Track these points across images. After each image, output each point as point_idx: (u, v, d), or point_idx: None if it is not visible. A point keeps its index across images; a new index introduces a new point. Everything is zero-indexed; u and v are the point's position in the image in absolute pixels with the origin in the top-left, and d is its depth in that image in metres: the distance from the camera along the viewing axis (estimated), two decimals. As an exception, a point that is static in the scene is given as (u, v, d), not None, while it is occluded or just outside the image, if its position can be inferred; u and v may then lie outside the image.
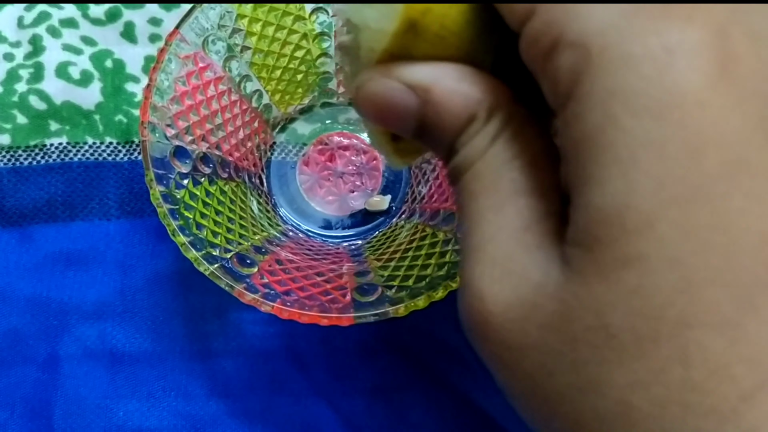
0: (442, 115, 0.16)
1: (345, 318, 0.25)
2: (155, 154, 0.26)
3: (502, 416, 0.32)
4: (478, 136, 0.15)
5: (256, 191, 0.33)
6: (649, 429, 0.13)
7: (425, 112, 0.16)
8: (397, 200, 0.35)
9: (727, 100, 0.12)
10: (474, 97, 0.15)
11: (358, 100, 0.17)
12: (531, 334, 0.14)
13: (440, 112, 0.16)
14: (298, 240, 0.33)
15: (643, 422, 0.13)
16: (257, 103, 0.33)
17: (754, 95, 0.12)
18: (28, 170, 0.35)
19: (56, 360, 0.32)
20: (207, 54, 0.29)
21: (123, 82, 0.36)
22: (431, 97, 0.16)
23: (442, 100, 0.16)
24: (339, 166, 0.36)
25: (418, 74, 0.16)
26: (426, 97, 0.16)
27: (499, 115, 0.15)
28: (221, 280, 0.25)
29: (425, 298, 0.25)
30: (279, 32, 0.31)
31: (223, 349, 0.33)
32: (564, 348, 0.13)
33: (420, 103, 0.16)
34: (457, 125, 0.16)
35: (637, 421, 0.13)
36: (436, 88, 0.16)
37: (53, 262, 0.34)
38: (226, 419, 0.32)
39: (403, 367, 0.33)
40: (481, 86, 0.16)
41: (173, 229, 0.26)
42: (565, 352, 0.13)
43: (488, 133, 0.15)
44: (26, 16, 0.37)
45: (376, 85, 0.16)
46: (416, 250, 0.29)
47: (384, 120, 0.17)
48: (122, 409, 0.32)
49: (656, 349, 0.12)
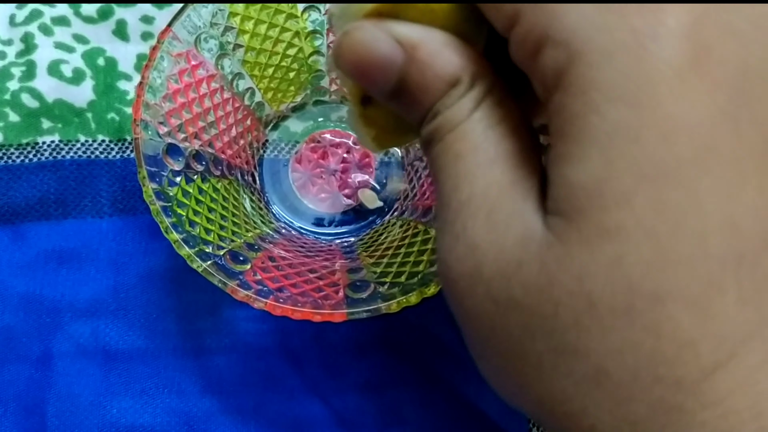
0: (426, 75, 0.16)
1: (338, 314, 0.25)
2: (148, 151, 0.27)
3: (495, 412, 0.32)
4: (463, 99, 0.16)
5: (248, 189, 0.33)
6: (620, 395, 0.14)
7: (408, 70, 0.16)
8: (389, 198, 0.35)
9: (698, 88, 0.13)
10: (459, 62, 0.16)
11: (341, 47, 0.16)
12: (517, 291, 0.14)
13: (424, 71, 0.16)
14: (291, 237, 0.33)
15: (615, 389, 0.14)
16: (250, 100, 0.33)
17: (725, 85, 0.13)
18: (21, 168, 0.35)
19: (49, 357, 0.32)
20: (199, 52, 0.29)
21: (115, 80, 0.36)
22: (417, 54, 0.16)
23: (428, 60, 0.16)
24: (331, 163, 0.36)
25: (407, 31, 0.16)
26: (412, 54, 0.16)
27: (482, 82, 0.16)
28: (214, 277, 0.25)
29: (417, 294, 0.25)
30: (271, 30, 0.31)
31: (216, 346, 0.33)
32: (546, 310, 0.14)
33: (405, 60, 0.16)
34: (440, 87, 0.16)
35: (610, 387, 0.14)
36: (423, 47, 0.16)
37: (46, 259, 0.34)
38: (219, 416, 0.32)
39: (395, 363, 0.33)
40: (466, 53, 0.16)
41: (166, 227, 0.26)
42: (548, 314, 0.14)
43: (473, 98, 0.16)
44: (18, 14, 0.37)
45: (363, 33, 0.16)
46: (408, 246, 0.29)
47: (364, 72, 0.17)
48: (115, 406, 0.32)
49: (632, 321, 0.13)
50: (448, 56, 0.16)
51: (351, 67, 0.17)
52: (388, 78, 0.16)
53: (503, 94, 0.16)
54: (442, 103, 0.16)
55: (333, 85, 0.35)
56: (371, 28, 0.16)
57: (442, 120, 0.16)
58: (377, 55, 0.16)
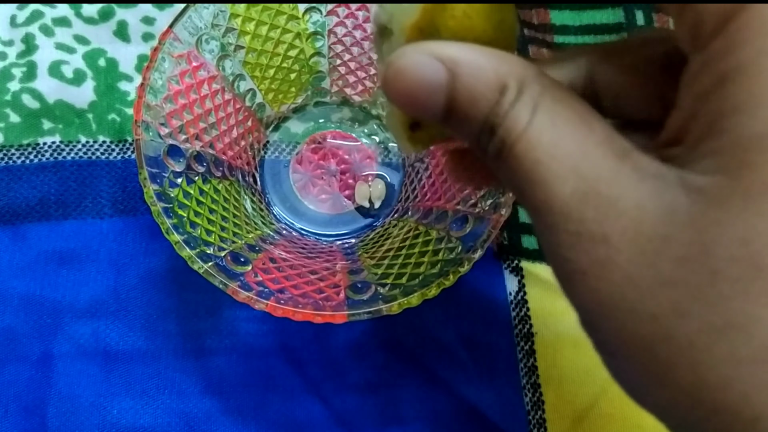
0: (473, 88, 0.15)
1: (338, 315, 0.25)
2: (149, 152, 0.27)
3: (494, 412, 0.32)
4: (518, 105, 0.15)
5: (249, 190, 0.33)
6: None
7: (455, 87, 0.16)
8: (392, 200, 0.35)
9: None
10: (503, 69, 0.15)
11: (387, 77, 0.16)
12: (665, 269, 0.13)
13: (471, 84, 0.15)
14: (292, 238, 0.33)
15: None
16: (250, 102, 0.33)
17: None
18: (21, 169, 0.35)
19: (50, 358, 0.32)
20: (200, 53, 0.29)
21: (116, 81, 0.36)
22: (460, 68, 0.15)
23: (473, 72, 0.15)
24: (332, 164, 0.36)
25: (446, 48, 0.16)
26: (455, 69, 0.15)
27: (533, 84, 0.15)
28: (215, 278, 0.25)
29: (418, 295, 0.25)
30: (272, 31, 0.31)
31: (216, 347, 0.33)
32: (703, 282, 0.13)
33: (449, 77, 0.16)
34: (489, 96, 0.15)
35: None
36: (464, 60, 0.15)
37: (46, 260, 0.34)
38: (219, 416, 0.32)
39: (395, 364, 0.33)
40: (508, 59, 0.16)
41: (167, 228, 0.26)
42: (704, 287, 0.13)
43: (528, 102, 0.15)
44: (19, 15, 0.37)
45: (405, 60, 0.16)
46: (409, 248, 0.29)
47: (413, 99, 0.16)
48: (116, 407, 0.32)
49: None
50: (491, 65, 0.15)
51: (400, 96, 0.16)
52: (437, 99, 0.16)
53: (559, 89, 0.16)
54: (495, 114, 0.15)
55: (334, 86, 0.35)
56: (411, 53, 0.16)
57: (503, 132, 0.15)
58: (423, 79, 0.16)
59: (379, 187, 0.35)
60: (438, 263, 0.27)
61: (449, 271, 0.26)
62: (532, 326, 0.34)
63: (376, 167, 0.36)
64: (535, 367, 0.33)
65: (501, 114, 0.15)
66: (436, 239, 0.29)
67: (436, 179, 0.32)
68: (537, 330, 0.34)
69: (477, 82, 0.15)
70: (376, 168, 0.36)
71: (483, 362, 0.33)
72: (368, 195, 0.35)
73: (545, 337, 0.33)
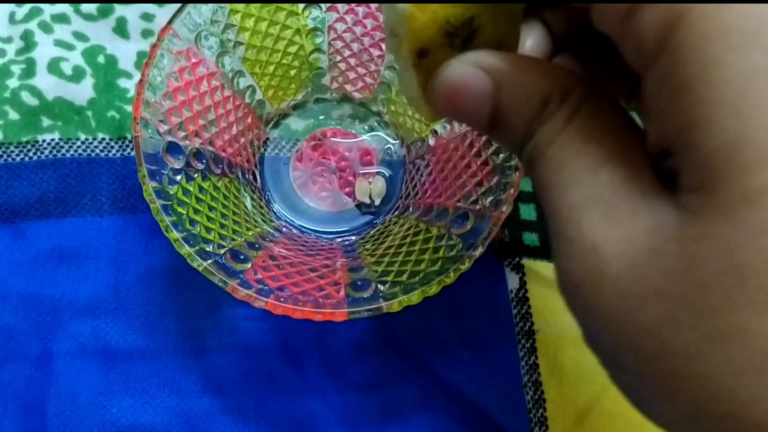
0: (518, 98, 0.16)
1: (338, 313, 0.25)
2: (148, 150, 0.26)
3: (495, 411, 0.32)
4: (556, 116, 0.15)
5: (249, 187, 0.33)
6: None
7: (500, 97, 0.16)
8: (393, 197, 0.35)
9: None
10: (547, 81, 0.16)
11: (434, 90, 0.17)
12: (654, 281, 0.13)
13: (515, 95, 0.16)
14: (292, 236, 0.33)
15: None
16: (250, 98, 0.33)
17: None
18: (20, 166, 0.35)
19: (49, 357, 0.32)
20: (199, 50, 0.29)
21: (115, 78, 0.36)
22: (505, 79, 0.16)
23: (518, 83, 0.16)
24: (332, 162, 0.36)
25: (489, 58, 0.16)
26: (500, 80, 0.16)
27: (573, 95, 0.15)
28: (215, 276, 0.25)
29: (419, 293, 0.25)
30: (272, 28, 0.31)
31: (216, 345, 0.33)
32: (692, 294, 0.13)
33: (494, 88, 0.16)
34: (534, 108, 0.16)
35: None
36: (510, 71, 0.16)
37: (46, 258, 0.34)
38: (219, 415, 0.32)
39: (396, 362, 0.33)
40: (551, 70, 0.16)
41: (166, 225, 0.25)
42: (693, 299, 0.13)
43: (566, 110, 0.15)
44: (18, 12, 0.37)
45: (451, 70, 0.17)
46: (410, 245, 0.29)
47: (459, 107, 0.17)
48: (116, 405, 0.32)
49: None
50: (535, 76, 0.16)
51: (448, 106, 0.17)
52: (484, 108, 0.16)
53: (600, 98, 0.16)
54: (537, 122, 0.16)
55: (334, 83, 0.35)
56: (456, 63, 0.16)
57: (539, 137, 0.16)
58: (468, 88, 0.16)
59: (380, 184, 0.35)
60: (439, 261, 0.27)
61: (450, 269, 0.26)
62: (534, 324, 0.34)
63: (376, 164, 0.35)
64: (537, 365, 0.33)
65: (541, 122, 0.16)
66: (436, 237, 0.28)
67: (436, 176, 0.32)
68: (538, 328, 0.33)
69: (521, 93, 0.16)
70: (376, 165, 0.35)
71: (484, 360, 0.33)
72: (369, 191, 0.35)
73: (546, 334, 0.33)
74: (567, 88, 0.16)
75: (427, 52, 0.17)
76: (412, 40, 0.17)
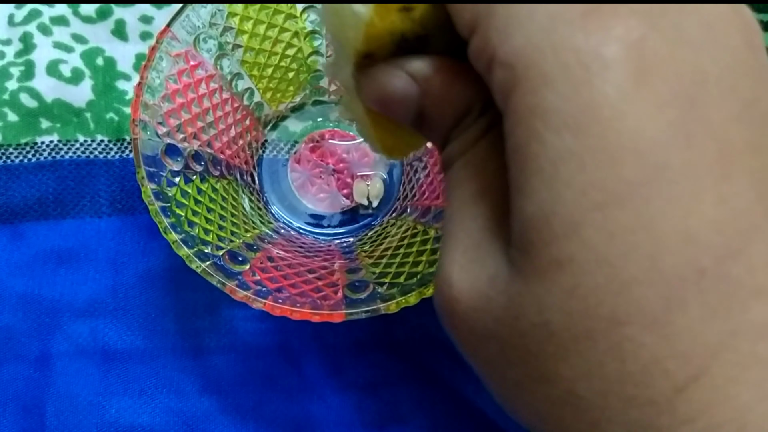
0: (440, 106, 0.16)
1: (336, 314, 0.25)
2: (146, 151, 0.27)
3: (494, 411, 0.32)
4: (472, 128, 0.16)
5: (247, 189, 0.33)
6: (595, 417, 0.14)
7: (425, 103, 0.17)
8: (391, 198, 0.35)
9: (644, 109, 0.12)
10: (470, 92, 0.16)
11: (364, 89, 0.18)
12: (488, 325, 0.15)
13: (438, 103, 0.16)
14: (290, 237, 0.33)
15: (589, 411, 0.14)
16: (249, 100, 0.33)
17: (674, 98, 0.13)
18: (19, 168, 0.35)
19: (48, 357, 0.32)
20: (198, 52, 0.29)
21: (114, 80, 0.36)
22: (431, 88, 0.16)
23: (440, 91, 0.16)
24: (330, 163, 0.36)
25: (420, 65, 0.17)
26: (426, 88, 0.16)
27: (492, 111, 0.16)
28: (213, 277, 0.25)
29: (416, 294, 0.25)
30: (270, 30, 0.31)
31: (215, 346, 0.33)
32: (515, 341, 0.14)
33: (420, 93, 0.17)
34: (454, 116, 0.16)
35: (584, 409, 0.14)
36: (434, 79, 0.16)
37: (44, 259, 0.34)
38: (218, 416, 0.32)
39: (394, 362, 0.33)
40: (477, 82, 0.16)
41: (165, 227, 0.26)
42: (517, 345, 0.14)
43: (481, 126, 0.16)
44: (17, 14, 0.37)
45: (381, 74, 0.17)
46: (407, 247, 0.29)
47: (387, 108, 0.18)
48: (114, 406, 0.32)
49: (593, 346, 0.13)
50: (460, 86, 0.16)
51: (375, 104, 0.18)
52: (408, 110, 0.17)
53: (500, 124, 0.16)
54: (455, 131, 0.17)
55: (332, 85, 0.35)
56: (387, 68, 0.17)
57: (454, 146, 0.16)
58: (395, 93, 0.17)
59: (378, 186, 0.35)
60: (436, 262, 0.27)
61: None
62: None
63: (374, 165, 0.36)
64: (534, 366, 0.33)
65: (457, 132, 0.16)
66: (434, 238, 0.29)
67: (434, 178, 0.32)
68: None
69: (444, 102, 0.16)
70: (374, 166, 0.36)
71: (481, 361, 0.33)
72: (366, 193, 0.35)
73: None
74: (484, 100, 0.16)
75: (372, 57, 0.17)
76: (363, 45, 0.16)
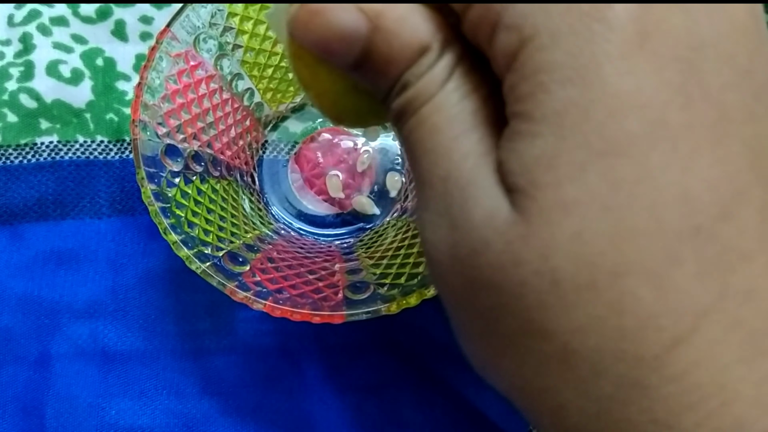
0: (393, 43, 0.15)
1: (337, 315, 0.25)
2: (146, 152, 0.26)
3: (494, 413, 0.32)
4: (435, 68, 0.15)
5: (247, 189, 0.33)
6: (586, 373, 0.14)
7: (374, 39, 0.15)
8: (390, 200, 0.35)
9: (644, 68, 0.13)
10: (428, 28, 0.15)
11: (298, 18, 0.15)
12: (485, 271, 0.14)
13: (390, 40, 0.15)
14: (290, 238, 0.33)
15: (580, 367, 0.14)
16: (249, 101, 0.33)
17: (674, 60, 0.13)
18: (19, 169, 0.35)
19: (48, 359, 0.32)
20: (198, 52, 0.29)
21: (114, 81, 0.36)
22: (382, 22, 0.15)
23: (395, 27, 0.15)
24: (330, 164, 0.36)
25: None
26: (377, 22, 0.15)
27: (452, 49, 0.15)
28: (213, 279, 0.25)
29: (417, 295, 0.25)
30: (270, 30, 0.31)
31: (215, 347, 0.33)
32: (513, 291, 0.14)
33: (369, 28, 0.15)
34: (408, 56, 0.15)
35: (576, 366, 0.14)
36: (388, 13, 0.15)
37: (44, 260, 0.34)
38: (218, 417, 0.32)
39: (395, 364, 0.33)
40: (434, 19, 0.15)
41: (165, 228, 0.26)
42: (514, 295, 0.14)
43: (444, 66, 0.15)
44: (16, 14, 0.37)
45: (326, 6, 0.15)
46: (408, 248, 0.29)
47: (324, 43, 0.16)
48: (114, 407, 0.32)
49: (595, 297, 0.13)
50: (415, 22, 0.15)
51: (310, 37, 0.16)
52: (352, 48, 0.15)
53: (472, 61, 0.15)
54: (411, 73, 0.15)
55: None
56: None
57: (414, 92, 0.15)
58: (339, 25, 0.15)
59: (395, 179, 0.35)
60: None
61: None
62: (532, 326, 0.34)
63: (375, 168, 0.35)
64: (535, 367, 0.33)
65: (417, 75, 0.15)
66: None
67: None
68: (536, 329, 0.34)
69: (398, 38, 0.15)
70: (374, 169, 0.35)
71: (482, 362, 0.33)
72: (367, 206, 0.35)
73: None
74: (447, 39, 0.15)
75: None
76: None
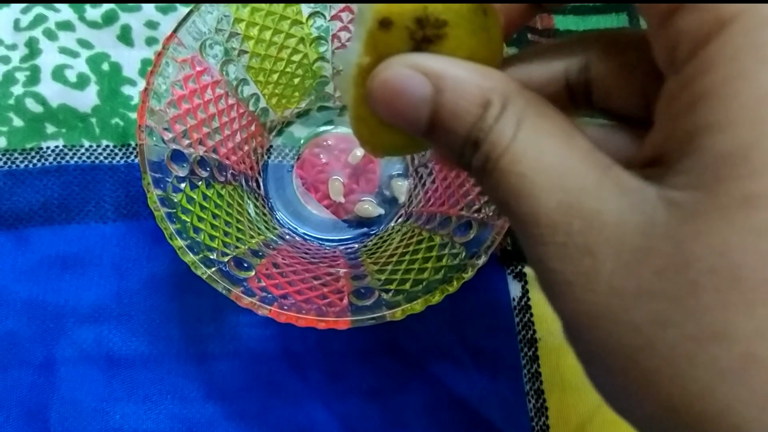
0: (457, 101, 0.16)
1: (341, 321, 0.25)
2: (152, 157, 0.27)
3: (498, 418, 0.32)
4: (502, 121, 0.15)
5: (252, 194, 0.33)
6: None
7: (439, 101, 0.16)
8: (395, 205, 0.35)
9: None
10: (486, 84, 0.16)
11: (372, 91, 0.17)
12: (645, 280, 0.13)
13: (455, 99, 0.16)
14: (295, 243, 0.33)
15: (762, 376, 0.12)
16: (254, 106, 0.33)
17: None
18: (24, 173, 0.35)
19: (52, 363, 0.32)
20: (204, 58, 0.29)
21: (119, 85, 0.36)
22: (444, 83, 0.16)
23: (456, 86, 0.16)
24: (335, 169, 0.36)
25: (430, 61, 0.16)
26: (439, 84, 0.16)
27: (516, 99, 0.15)
28: (218, 284, 0.25)
29: (422, 301, 0.25)
30: (276, 36, 0.31)
31: (219, 352, 0.33)
32: (683, 293, 0.13)
33: (433, 91, 0.16)
34: (472, 111, 0.16)
35: (757, 374, 0.12)
36: (448, 74, 0.16)
37: (49, 265, 0.34)
38: (222, 422, 0.32)
39: (398, 368, 0.33)
40: (491, 74, 0.16)
41: (170, 233, 0.26)
42: (684, 298, 0.13)
43: (512, 117, 0.15)
44: (22, 19, 0.37)
45: (389, 71, 0.16)
46: (413, 254, 0.29)
47: (397, 110, 0.17)
48: (119, 412, 0.32)
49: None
50: (474, 80, 0.16)
51: (384, 107, 0.17)
52: (422, 112, 0.16)
53: (542, 103, 0.16)
54: (479, 129, 0.16)
55: (337, 90, 0.35)
56: (395, 65, 0.16)
57: (488, 147, 0.16)
58: (406, 90, 0.16)
59: (399, 183, 0.35)
60: (441, 269, 0.27)
61: (453, 277, 0.26)
62: (536, 332, 0.34)
63: (379, 173, 0.35)
64: (539, 373, 0.33)
65: (485, 129, 0.15)
66: (439, 245, 0.29)
67: (439, 184, 0.32)
68: (541, 336, 0.33)
69: (460, 98, 0.16)
70: (379, 174, 0.35)
71: (486, 368, 0.33)
72: (369, 211, 0.35)
73: (549, 343, 0.33)
74: (507, 91, 0.16)
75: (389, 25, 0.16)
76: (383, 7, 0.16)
